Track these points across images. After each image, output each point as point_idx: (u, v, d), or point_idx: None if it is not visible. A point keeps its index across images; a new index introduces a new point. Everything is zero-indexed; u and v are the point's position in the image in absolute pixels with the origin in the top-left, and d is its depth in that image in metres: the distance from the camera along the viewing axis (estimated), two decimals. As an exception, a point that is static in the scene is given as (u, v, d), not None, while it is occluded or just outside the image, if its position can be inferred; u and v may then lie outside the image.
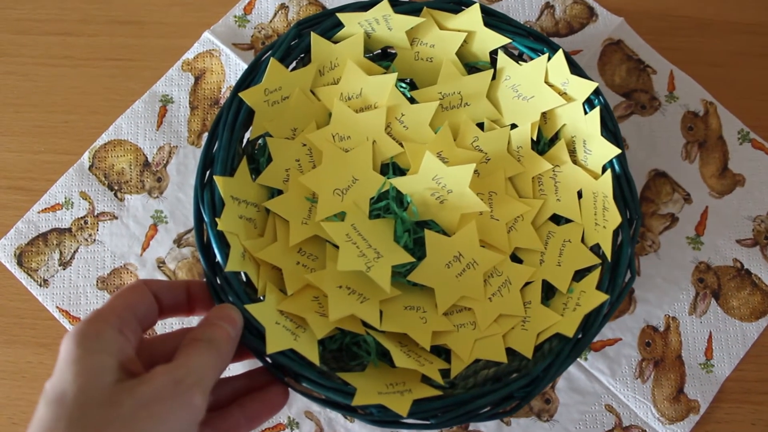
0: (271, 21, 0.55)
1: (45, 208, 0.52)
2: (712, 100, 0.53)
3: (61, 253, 0.51)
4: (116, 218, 0.52)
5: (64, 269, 0.51)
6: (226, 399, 0.35)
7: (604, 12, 0.55)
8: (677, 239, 0.51)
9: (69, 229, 0.52)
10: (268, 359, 0.36)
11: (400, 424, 0.36)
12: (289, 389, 0.36)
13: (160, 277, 0.51)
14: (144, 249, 0.51)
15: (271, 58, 0.40)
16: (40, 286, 0.51)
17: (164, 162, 0.53)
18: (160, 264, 0.51)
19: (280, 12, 0.56)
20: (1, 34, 0.57)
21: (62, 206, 0.52)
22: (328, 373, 0.38)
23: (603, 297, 0.37)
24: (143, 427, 0.27)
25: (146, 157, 0.53)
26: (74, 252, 0.51)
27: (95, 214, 0.52)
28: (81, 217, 0.52)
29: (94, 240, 0.52)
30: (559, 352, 0.37)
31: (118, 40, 0.56)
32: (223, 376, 0.33)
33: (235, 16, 0.55)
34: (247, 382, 0.36)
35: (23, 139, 0.54)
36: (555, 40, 0.54)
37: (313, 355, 0.36)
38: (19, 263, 0.51)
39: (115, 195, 0.52)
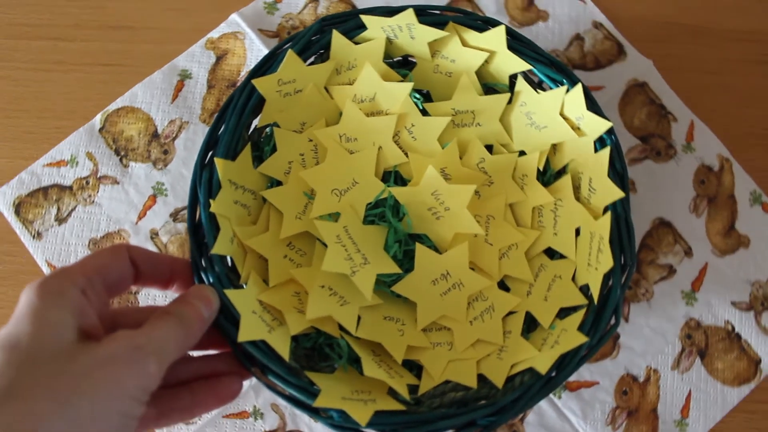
0: (300, 12, 0.56)
1: (50, 163, 0.53)
2: (728, 157, 0.53)
3: (58, 209, 0.52)
4: (118, 183, 0.52)
5: (59, 225, 0.51)
6: (180, 380, 0.35)
7: (633, 52, 0.55)
8: (672, 291, 0.50)
9: (70, 187, 0.52)
10: (239, 348, 0.36)
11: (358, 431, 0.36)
12: (245, 383, 0.36)
13: (151, 248, 0.51)
14: (140, 218, 0.52)
15: (289, 50, 0.40)
16: (33, 238, 0.51)
17: (173, 135, 0.53)
18: (153, 235, 0.51)
19: (310, 5, 0.56)
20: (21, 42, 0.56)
21: (67, 163, 0.53)
22: (297, 369, 0.37)
23: (582, 339, 0.37)
24: (95, 384, 0.27)
25: (156, 128, 0.53)
26: (71, 210, 0.52)
27: (98, 176, 0.52)
28: (83, 177, 0.52)
29: (93, 201, 0.52)
30: (530, 387, 0.37)
31: (111, 46, 0.55)
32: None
33: (265, 3, 0.55)
34: (204, 367, 0.36)
35: (15, 145, 0.53)
36: (580, 73, 0.54)
37: (284, 350, 0.36)
38: (17, 212, 0.52)
39: (120, 160, 0.53)
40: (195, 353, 0.37)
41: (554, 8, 0.56)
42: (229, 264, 0.40)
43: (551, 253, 0.43)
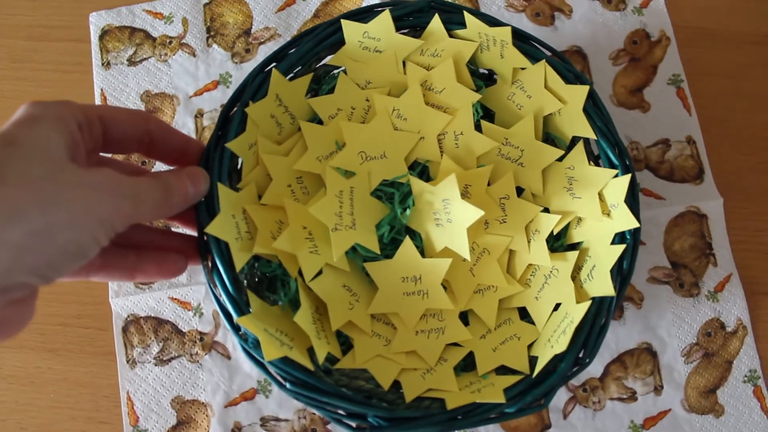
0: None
1: (150, 10, 0.56)
2: (747, 324, 0.50)
3: (135, 51, 0.55)
4: (194, 56, 0.55)
5: (128, 65, 0.55)
6: (132, 242, 0.36)
7: (711, 182, 0.53)
8: (621, 418, 0.49)
9: (155, 39, 0.55)
10: (202, 235, 0.38)
11: (260, 364, 0.37)
12: (205, 281, 0.37)
13: (191, 124, 0.53)
14: (196, 94, 0.54)
15: (387, 11, 0.41)
16: (102, 65, 0.54)
17: (262, 40, 0.55)
18: (199, 114, 0.54)
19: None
20: (13, 41, 0.57)
21: (163, 18, 0.55)
22: (241, 284, 0.38)
23: (501, 399, 0.36)
24: (76, 198, 0.27)
25: (251, 27, 0.55)
26: (145, 59, 0.55)
27: (182, 41, 0.55)
28: (170, 36, 0.55)
29: (166, 60, 0.55)
30: (430, 416, 0.37)
31: None
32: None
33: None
34: (159, 238, 0.37)
35: None
36: (647, 174, 0.53)
37: (240, 260, 0.37)
38: (101, 37, 0.55)
39: (207, 39, 0.55)
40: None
41: (658, 104, 0.54)
42: (238, 167, 0.41)
43: (524, 314, 0.43)
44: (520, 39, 0.41)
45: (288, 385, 0.37)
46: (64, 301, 0.52)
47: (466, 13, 0.40)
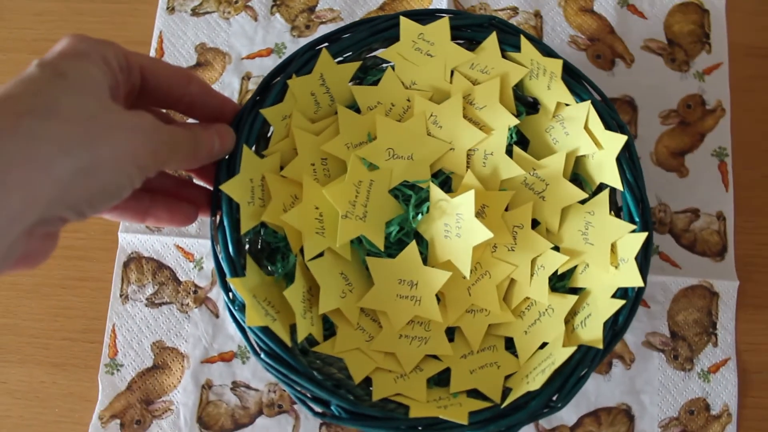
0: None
1: (225, -33, 0.57)
2: (732, 412, 0.49)
3: (201, 3, 0.56)
4: (255, 20, 0.56)
5: (189, 15, 0.56)
6: (147, 187, 0.36)
7: (731, 263, 0.51)
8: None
9: (224, -5, 0.56)
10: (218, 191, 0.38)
11: (241, 327, 0.37)
12: (196, 217, 0.38)
13: (236, 84, 0.54)
14: (247, 57, 0.55)
15: (446, 18, 0.41)
16: (166, 9, 0.56)
17: (323, 20, 0.56)
18: (246, 77, 0.55)
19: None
20: (18, 54, 0.56)
21: (235, -23, 0.57)
22: (243, 247, 0.39)
23: (463, 420, 0.36)
24: (118, 138, 0.28)
25: (317, 5, 0.56)
26: (207, 12, 0.56)
27: (247, 4, 0.56)
28: (238, -5, 0.56)
29: (227, 18, 0.56)
30: (390, 419, 0.37)
31: None
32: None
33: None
34: (175, 186, 0.38)
35: None
36: (669, 238, 0.52)
37: (246, 224, 0.38)
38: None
39: (272, 7, 0.56)
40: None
41: (697, 172, 0.53)
42: (268, 135, 0.42)
43: (509, 344, 0.43)
44: (571, 75, 0.41)
45: (262, 355, 0.37)
46: (70, 316, 0.52)
47: (522, 38, 0.40)
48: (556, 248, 0.43)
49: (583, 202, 0.42)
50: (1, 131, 0.25)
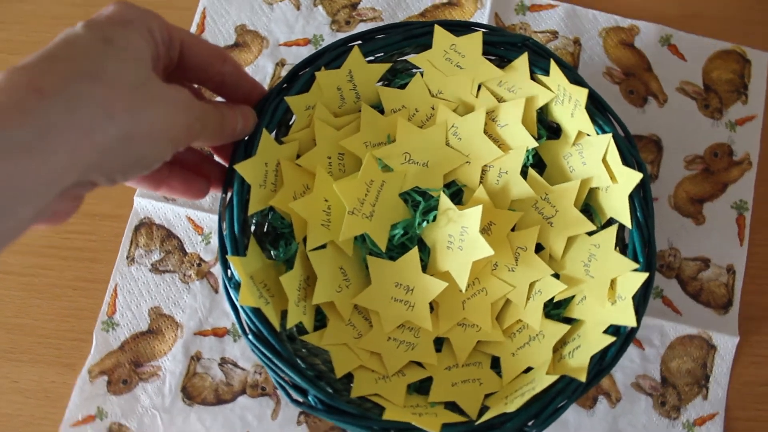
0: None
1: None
2: (712, 469, 0.48)
3: (248, -15, 0.57)
4: (298, 9, 0.57)
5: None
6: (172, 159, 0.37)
7: (734, 318, 0.51)
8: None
9: (269, -19, 0.57)
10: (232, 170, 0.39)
11: (233, 305, 0.38)
12: (208, 191, 0.39)
13: (269, 69, 0.55)
14: (285, 44, 0.56)
15: (480, 32, 0.42)
16: (214, -14, 0.57)
17: (364, 18, 0.56)
18: (279, 64, 0.55)
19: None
20: (22, 57, 0.56)
21: (285, -35, 0.58)
22: (248, 228, 0.40)
23: (435, 430, 0.36)
24: (158, 108, 0.28)
25: (360, 2, 0.57)
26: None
27: (292, -8, 0.57)
28: (283, -17, 0.57)
29: (271, 4, 0.57)
30: (366, 418, 0.37)
31: None
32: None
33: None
34: (194, 159, 0.39)
35: None
36: (674, 284, 0.51)
37: (255, 206, 0.39)
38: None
39: (315, 0, 0.57)
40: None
41: (714, 222, 0.53)
42: (290, 123, 0.43)
43: (495, 363, 0.43)
44: (596, 106, 0.41)
45: (250, 335, 0.38)
46: (80, 317, 0.52)
47: (552, 62, 0.40)
48: (557, 275, 0.43)
49: (590, 233, 0.42)
50: (47, 92, 0.25)
